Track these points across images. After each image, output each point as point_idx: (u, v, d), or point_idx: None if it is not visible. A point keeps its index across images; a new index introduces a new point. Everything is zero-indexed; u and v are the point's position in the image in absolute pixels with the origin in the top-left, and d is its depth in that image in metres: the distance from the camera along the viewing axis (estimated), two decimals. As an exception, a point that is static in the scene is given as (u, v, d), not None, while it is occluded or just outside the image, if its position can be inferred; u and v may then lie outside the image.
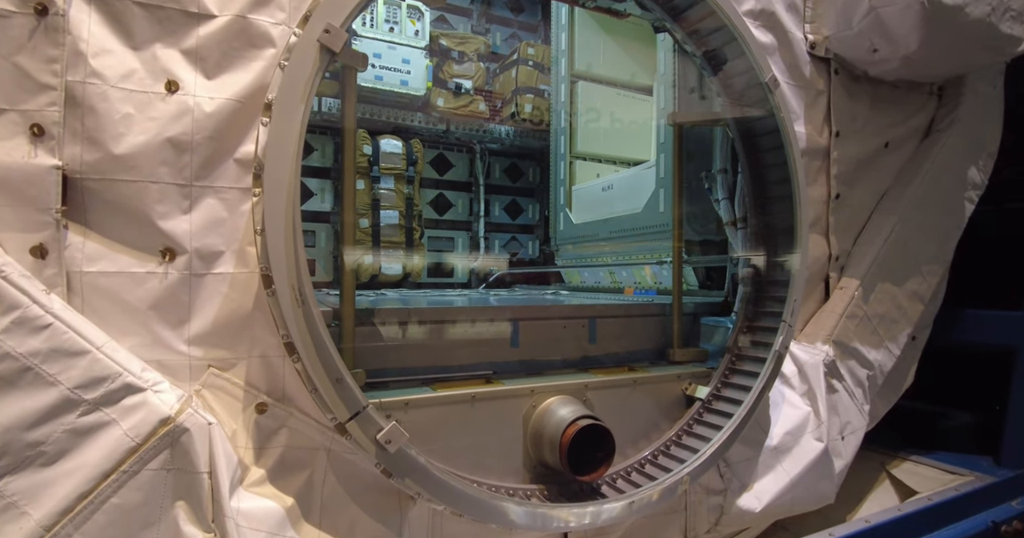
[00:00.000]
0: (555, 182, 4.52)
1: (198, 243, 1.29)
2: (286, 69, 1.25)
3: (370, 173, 4.34)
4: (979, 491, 2.16)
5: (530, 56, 5.09)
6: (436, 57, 4.68)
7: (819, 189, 2.37)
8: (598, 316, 2.22)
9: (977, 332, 2.82)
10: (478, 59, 4.88)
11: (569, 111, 4.46)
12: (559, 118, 4.51)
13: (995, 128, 2.88)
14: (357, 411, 1.28)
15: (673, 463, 1.84)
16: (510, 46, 5.62)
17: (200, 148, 1.28)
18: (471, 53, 4.83)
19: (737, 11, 1.91)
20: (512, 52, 5.26)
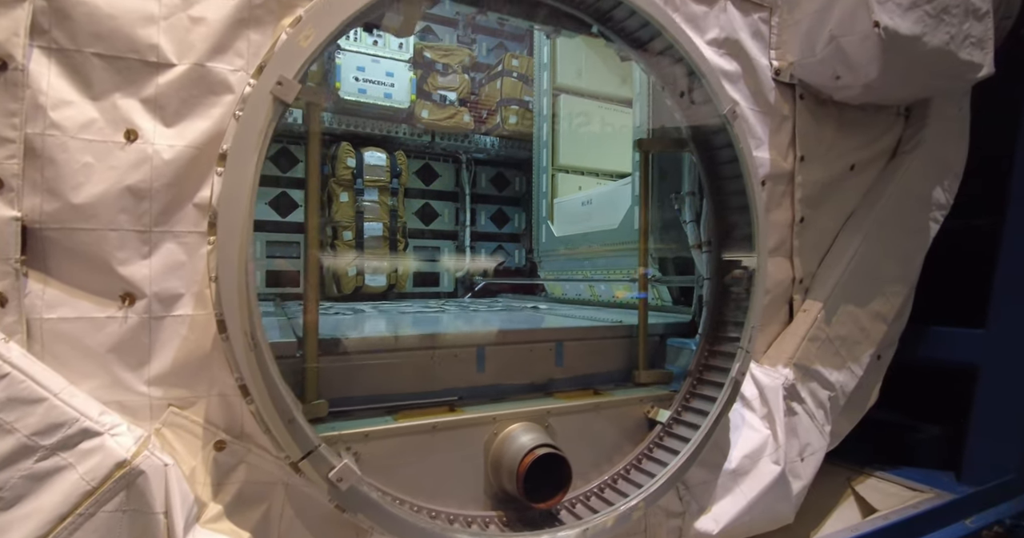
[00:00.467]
0: (537, 194, 4.56)
1: (157, 287, 1.33)
2: (240, 120, 1.29)
3: (354, 185, 4.38)
4: (935, 510, 2.22)
5: (515, 68, 5.13)
6: (420, 69, 4.71)
7: (783, 213, 2.42)
8: (565, 339, 2.27)
9: (942, 349, 2.88)
10: (462, 71, 4.92)
11: (551, 124, 4.50)
12: (541, 131, 4.55)
13: (961, 149, 2.94)
14: (309, 450, 1.32)
15: (631, 488, 1.89)
16: (496, 56, 5.66)
17: (159, 195, 1.33)
18: (455, 65, 4.87)
19: (696, 45, 1.95)
20: (497, 63, 5.30)
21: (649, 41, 2.00)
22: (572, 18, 1.97)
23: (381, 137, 4.68)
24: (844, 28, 2.19)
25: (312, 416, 1.63)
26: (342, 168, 4.34)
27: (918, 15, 2.20)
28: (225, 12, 1.38)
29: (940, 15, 2.27)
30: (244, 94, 1.32)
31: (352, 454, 1.60)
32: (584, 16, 1.93)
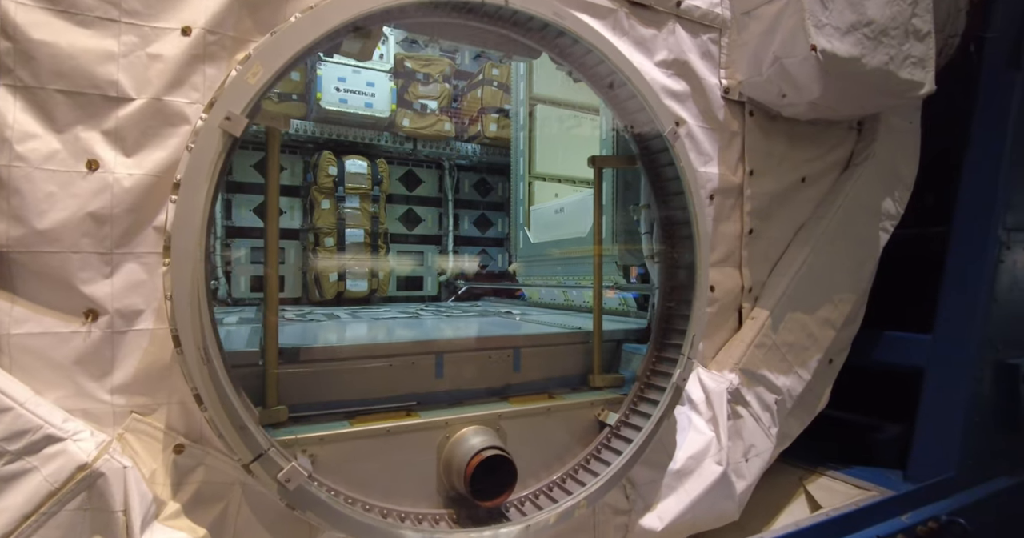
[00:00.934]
0: (515, 202, 4.68)
1: (119, 304, 1.45)
2: (192, 152, 1.40)
3: (335, 193, 4.50)
4: (873, 506, 2.33)
5: (495, 77, 5.25)
6: (401, 79, 4.83)
7: (733, 225, 2.53)
8: (523, 346, 2.38)
9: (894, 353, 3.01)
10: (443, 80, 5.03)
11: (528, 133, 4.62)
12: (519, 140, 4.67)
13: (911, 161, 3.05)
14: (259, 454, 1.43)
15: (577, 487, 2.00)
16: (479, 64, 5.77)
17: (119, 220, 1.44)
18: (436, 75, 4.98)
19: (637, 71, 2.07)
20: (478, 72, 5.42)
21: (595, 67, 2.11)
22: (522, 44, 2.08)
23: (364, 145, 4.80)
24: (786, 50, 2.30)
25: (272, 421, 1.75)
26: (323, 176, 4.46)
27: (856, 38, 2.32)
28: (181, 49, 1.50)
29: (879, 37, 2.39)
30: (196, 127, 1.44)
31: (309, 456, 1.72)
32: (532, 44, 2.04)
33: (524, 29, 2.01)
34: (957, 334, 2.80)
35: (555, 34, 1.98)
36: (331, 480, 1.74)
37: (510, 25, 1.97)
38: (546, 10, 1.86)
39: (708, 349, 2.47)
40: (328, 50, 1.99)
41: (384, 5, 1.61)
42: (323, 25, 1.53)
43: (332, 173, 4.49)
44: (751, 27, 2.47)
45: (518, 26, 1.97)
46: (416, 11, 1.74)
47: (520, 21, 1.93)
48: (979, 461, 2.68)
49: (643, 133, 2.25)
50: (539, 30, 2.00)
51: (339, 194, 4.51)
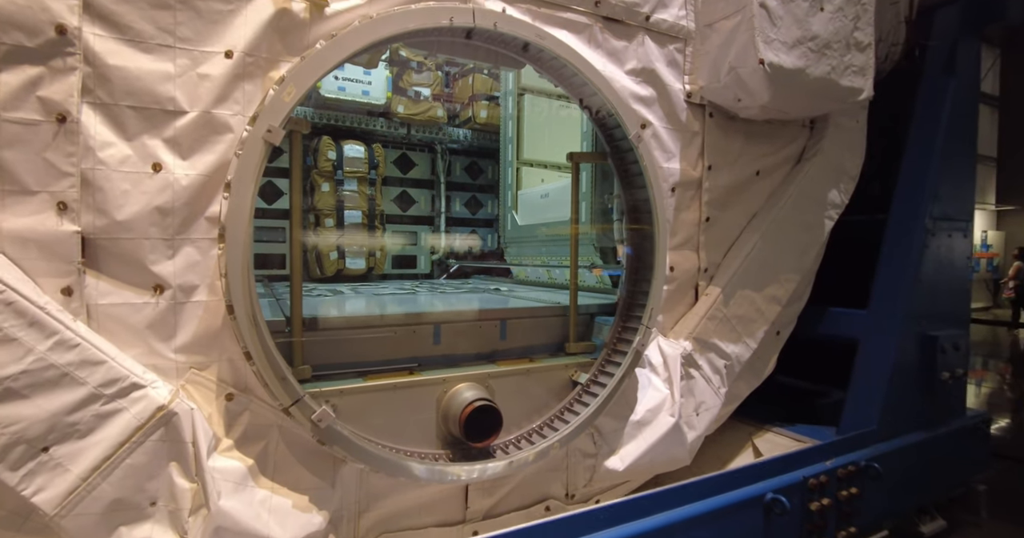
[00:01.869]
0: (504, 186, 5.01)
1: (180, 280, 1.79)
2: (240, 157, 1.73)
3: (334, 176, 4.80)
4: (803, 453, 2.76)
5: (485, 65, 5.50)
6: (396, 67, 5.08)
7: (692, 214, 2.90)
8: (508, 317, 2.76)
9: (835, 326, 3.42)
10: (436, 68, 5.29)
11: (516, 122, 4.92)
12: (507, 128, 4.97)
13: (856, 156, 3.43)
14: (296, 399, 1.81)
15: (552, 433, 2.40)
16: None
17: (179, 212, 1.77)
18: (429, 63, 5.24)
19: (607, 82, 2.40)
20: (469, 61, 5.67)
21: (571, 77, 2.44)
22: (509, 58, 2.40)
23: (361, 130, 5.08)
24: (740, 61, 2.64)
25: (299, 378, 2.11)
26: (323, 160, 4.75)
27: (801, 51, 2.66)
28: (225, 69, 1.81)
29: (822, 50, 2.74)
30: (242, 137, 1.76)
31: (331, 406, 2.09)
32: (517, 57, 2.36)
33: (510, 47, 2.33)
34: (888, 309, 3.22)
35: (537, 50, 2.30)
36: (350, 426, 2.12)
37: (498, 44, 2.29)
38: (529, 33, 2.18)
39: (668, 321, 2.86)
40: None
41: (393, 33, 1.92)
42: (344, 51, 1.85)
43: (331, 157, 4.78)
44: (712, 38, 2.79)
45: (505, 44, 2.29)
46: (418, 36, 2.05)
47: (506, 41, 2.25)
48: (897, 417, 3.13)
49: (614, 134, 2.60)
50: (523, 47, 2.32)
51: (338, 177, 4.81)
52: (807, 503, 2.61)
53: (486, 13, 2.11)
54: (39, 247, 1.61)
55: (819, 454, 2.82)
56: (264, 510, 1.78)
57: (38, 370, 1.53)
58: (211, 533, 1.66)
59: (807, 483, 2.61)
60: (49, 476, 1.56)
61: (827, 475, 2.68)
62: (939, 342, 3.22)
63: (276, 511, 1.80)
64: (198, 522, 1.69)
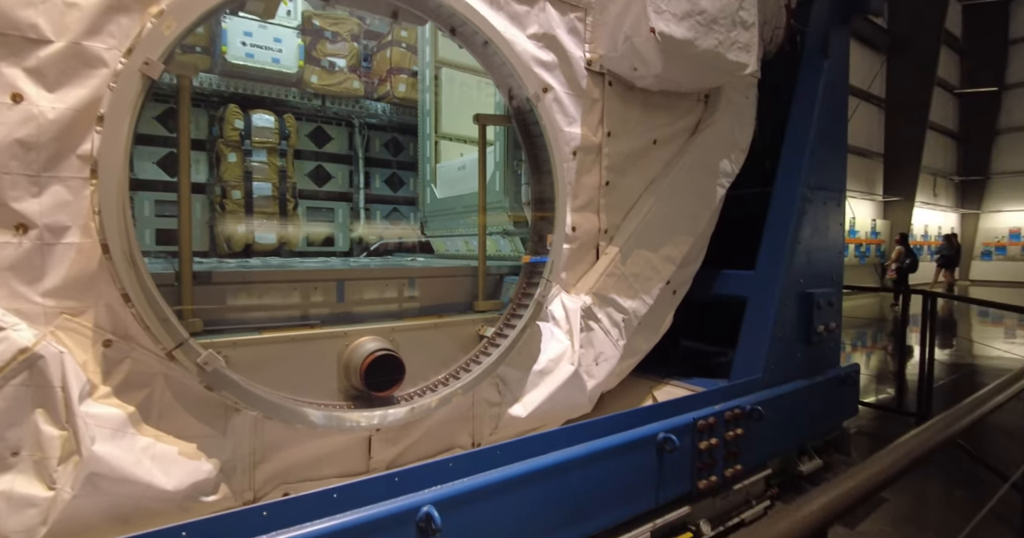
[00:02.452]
0: (423, 160, 5.00)
1: (48, 220, 1.69)
2: (114, 90, 1.65)
3: (242, 146, 4.60)
4: (693, 398, 2.99)
5: (403, 38, 5.44)
6: (309, 36, 4.93)
7: (592, 178, 3.04)
8: (416, 276, 2.79)
9: (726, 286, 3.70)
10: (351, 39, 5.18)
11: (434, 94, 4.91)
12: (425, 101, 4.96)
13: (746, 129, 3.70)
14: (180, 342, 1.76)
15: (455, 382, 2.46)
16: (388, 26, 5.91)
17: (45, 147, 1.67)
18: (345, 34, 5.12)
19: (507, 41, 2.47)
20: (387, 33, 5.59)
21: (472, 36, 2.49)
22: (410, 13, 2.41)
23: (271, 100, 4.89)
24: (634, 30, 2.78)
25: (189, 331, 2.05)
26: (229, 129, 4.54)
27: (690, 24, 2.84)
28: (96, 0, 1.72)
29: (710, 25, 2.93)
30: (117, 70, 1.68)
31: (224, 357, 2.04)
32: (418, 13, 2.38)
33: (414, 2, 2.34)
34: (771, 270, 3.51)
35: (435, 6, 2.33)
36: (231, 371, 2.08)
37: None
38: (425, -16, 2.20)
39: (570, 279, 2.99)
40: (234, 8, 2.23)
41: None
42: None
43: (238, 126, 4.57)
44: (610, 9, 2.93)
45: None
46: None
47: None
48: (780, 367, 3.44)
49: (516, 95, 2.67)
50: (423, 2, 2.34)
51: (246, 148, 4.62)
52: (697, 443, 2.83)
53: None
54: None
55: (708, 399, 3.05)
56: (146, 457, 1.72)
57: None
58: (84, 480, 1.59)
59: (696, 424, 2.82)
60: None
61: (715, 417, 2.91)
62: (815, 298, 3.56)
63: (160, 458, 1.75)
64: (68, 470, 1.62)
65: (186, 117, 2.07)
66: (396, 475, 1.92)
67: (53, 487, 1.61)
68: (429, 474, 1.98)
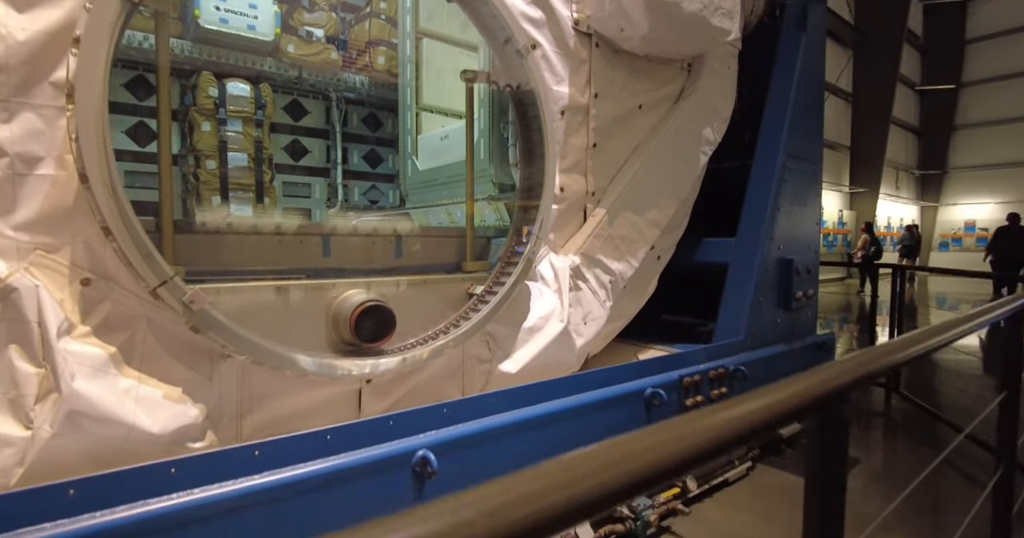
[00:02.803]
0: (403, 132, 4.92)
1: (19, 149, 1.60)
2: (91, 11, 1.57)
3: (216, 115, 4.46)
4: (678, 355, 3.02)
5: (382, 10, 5.34)
6: (285, 4, 4.79)
7: (580, 139, 3.03)
8: (403, 235, 2.74)
9: (708, 253, 3.74)
10: (329, 9, 5.05)
11: (415, 66, 4.84)
12: (406, 72, 4.88)
13: (728, 99, 3.74)
14: (164, 280, 1.69)
15: (447, 336, 2.43)
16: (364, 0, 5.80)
17: (15, 71, 1.57)
18: (322, 2, 4.99)
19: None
20: (366, 5, 5.47)
21: (463, -15, 2.45)
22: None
23: (246, 69, 4.75)
24: (622, -12, 2.78)
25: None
26: (203, 97, 4.40)
27: (677, -16, 2.85)
28: (70, -84, 1.62)
29: (695, -13, 2.95)
30: (93, -14, 1.59)
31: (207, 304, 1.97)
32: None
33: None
34: (751, 236, 3.57)
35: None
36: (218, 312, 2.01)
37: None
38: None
39: (559, 239, 2.98)
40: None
41: None
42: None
43: (213, 94, 4.42)
44: (598, -32, 2.92)
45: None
46: None
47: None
48: (761, 330, 3.50)
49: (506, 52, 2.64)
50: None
51: (220, 117, 4.47)
52: (683, 399, 2.86)
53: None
54: None
55: (693, 358, 3.08)
56: (129, 398, 1.65)
57: None
58: (63, 417, 1.52)
59: (682, 381, 2.85)
60: None
61: (700, 375, 2.95)
62: (794, 264, 3.63)
63: (144, 401, 1.68)
64: (46, 408, 1.54)
65: (165, 53, 1.98)
66: (391, 418, 1.89)
67: (30, 426, 1.53)
68: (425, 418, 1.95)
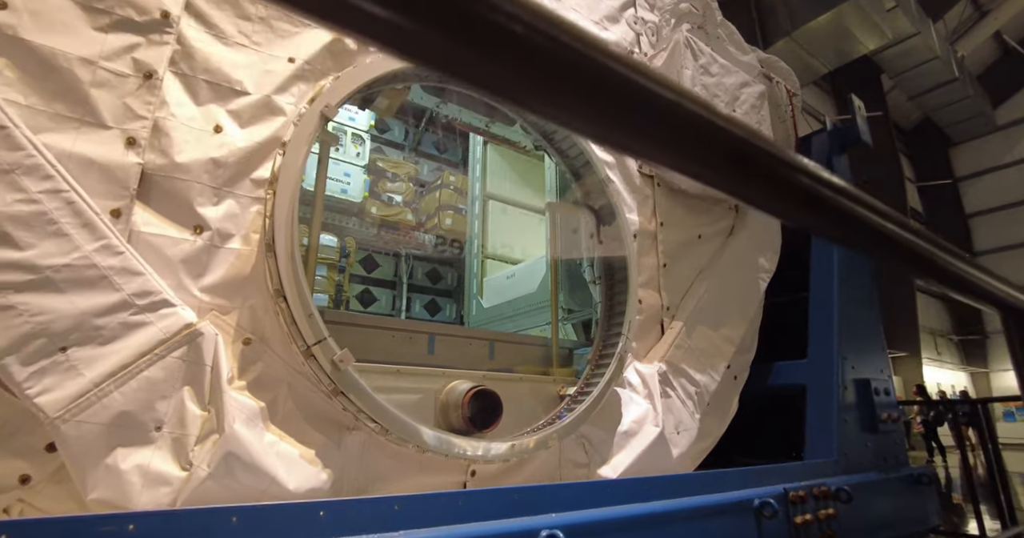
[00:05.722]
0: (469, 276, 5.34)
1: (218, 226, 1.91)
2: (298, 126, 2.02)
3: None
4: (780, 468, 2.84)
5: (451, 182, 6.23)
6: (373, 175, 5.67)
7: (651, 259, 3.32)
8: (496, 339, 2.89)
9: (782, 377, 3.73)
10: (408, 180, 5.93)
11: (482, 222, 5.47)
12: (473, 225, 5.50)
13: (775, 233, 4.11)
14: (320, 339, 1.84)
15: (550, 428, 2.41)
16: (435, 176, 6.80)
17: (230, 167, 1.97)
18: (403, 175, 5.89)
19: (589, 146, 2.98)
20: (436, 179, 6.41)
21: (552, 133, 3.01)
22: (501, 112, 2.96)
23: (335, 226, 5.42)
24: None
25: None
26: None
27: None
28: (286, 70, 2.19)
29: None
30: (300, 112, 2.08)
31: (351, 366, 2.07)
32: (511, 113, 2.92)
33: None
34: (824, 356, 3.60)
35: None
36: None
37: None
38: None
39: (640, 349, 3.07)
40: (363, 103, 2.75)
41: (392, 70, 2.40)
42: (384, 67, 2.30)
43: (305, 243, 5.00)
44: (655, 125, 3.54)
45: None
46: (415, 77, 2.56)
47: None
48: (852, 452, 3.30)
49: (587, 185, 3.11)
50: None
51: (308, 262, 4.98)
52: (792, 516, 2.62)
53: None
54: (101, 171, 1.74)
55: (791, 472, 2.89)
56: (272, 452, 1.68)
57: (80, 267, 1.55)
58: (220, 458, 1.55)
59: (788, 494, 2.65)
60: (60, 378, 1.47)
61: (804, 491, 2.74)
62: (871, 384, 3.57)
63: (283, 456, 1.70)
64: (205, 449, 1.57)
65: (323, 179, 2.42)
66: (516, 492, 1.82)
67: (187, 468, 1.55)
68: (549, 497, 1.87)
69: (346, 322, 2.41)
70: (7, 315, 1.44)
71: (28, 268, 1.49)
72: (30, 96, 1.68)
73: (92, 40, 1.80)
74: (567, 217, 3.50)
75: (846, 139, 4.59)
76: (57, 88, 1.72)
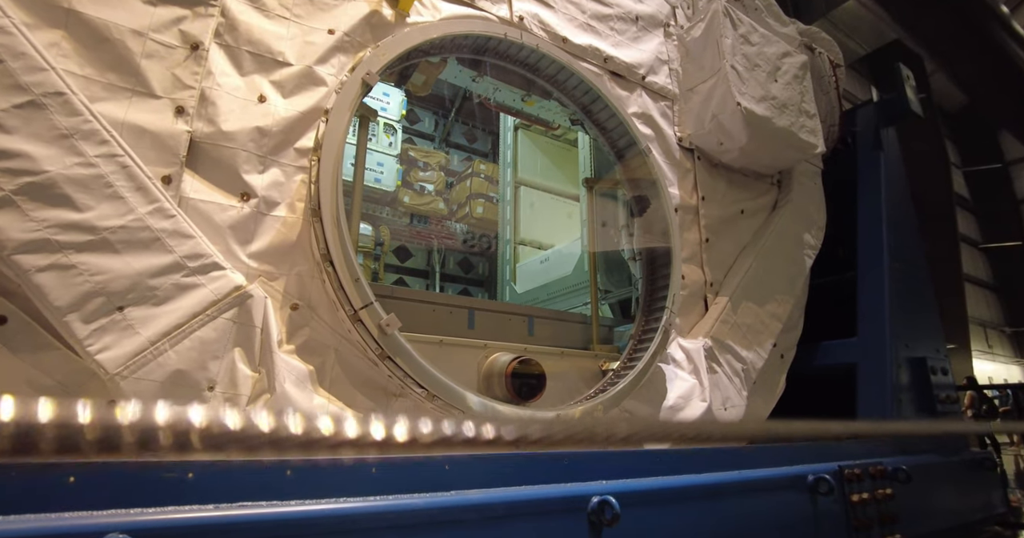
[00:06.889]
0: (502, 263, 5.31)
1: (264, 194, 1.93)
2: (340, 93, 2.02)
3: (342, 248, 5.01)
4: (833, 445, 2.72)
5: (482, 170, 6.21)
6: (405, 164, 5.69)
7: (694, 234, 3.24)
8: (535, 316, 2.86)
9: (831, 356, 3.60)
10: (439, 169, 5.94)
11: (514, 208, 5.44)
12: (506, 212, 5.47)
13: (820, 209, 3.97)
14: (367, 303, 1.83)
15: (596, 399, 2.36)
16: (464, 166, 6.80)
17: (275, 136, 1.99)
18: (434, 164, 5.90)
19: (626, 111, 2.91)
20: (467, 168, 6.41)
21: (591, 104, 2.96)
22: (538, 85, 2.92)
23: (368, 215, 5.46)
24: (720, 108, 3.24)
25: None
26: (333, 233, 5.01)
27: (766, 105, 3.31)
28: (326, 41, 2.19)
29: (782, 108, 3.40)
30: (342, 80, 2.08)
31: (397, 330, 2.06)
32: (545, 84, 2.88)
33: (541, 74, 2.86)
34: (875, 333, 3.45)
35: (568, 74, 2.83)
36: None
37: (532, 71, 2.82)
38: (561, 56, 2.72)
39: (684, 325, 3.00)
40: (400, 79, 2.75)
41: (459, 31, 2.39)
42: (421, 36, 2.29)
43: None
44: (693, 99, 3.45)
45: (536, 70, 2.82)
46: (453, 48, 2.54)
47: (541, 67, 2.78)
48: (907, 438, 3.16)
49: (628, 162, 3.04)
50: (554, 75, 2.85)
51: (344, 250, 5.03)
52: (848, 494, 2.51)
53: (532, 37, 2.66)
54: (152, 139, 1.77)
55: (848, 449, 2.78)
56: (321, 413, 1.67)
57: (135, 229, 1.58)
58: (272, 416, 1.55)
59: (843, 472, 2.54)
60: (118, 336, 1.50)
61: (860, 469, 2.63)
62: (928, 362, 3.41)
63: (332, 418, 1.70)
64: (257, 408, 1.58)
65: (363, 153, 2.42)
66: (567, 456, 1.79)
67: (239, 425, 1.56)
68: (600, 463, 1.83)
69: (387, 295, 2.40)
70: (69, 274, 1.47)
71: (87, 229, 1.52)
72: (85, 67, 1.72)
73: (142, 12, 1.83)
74: (604, 193, 3.44)
75: (895, 111, 4.40)
76: (110, 59, 1.76)
